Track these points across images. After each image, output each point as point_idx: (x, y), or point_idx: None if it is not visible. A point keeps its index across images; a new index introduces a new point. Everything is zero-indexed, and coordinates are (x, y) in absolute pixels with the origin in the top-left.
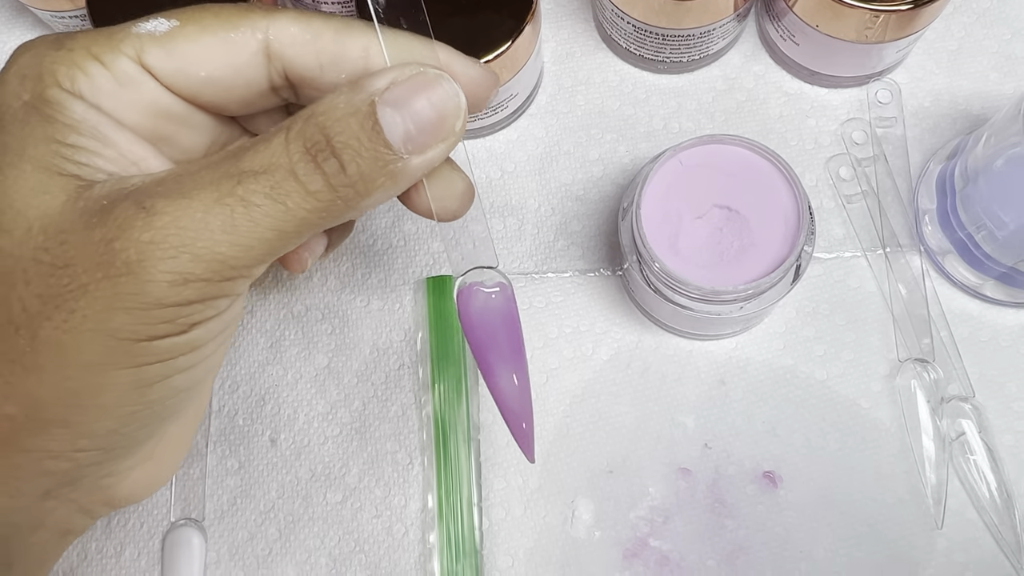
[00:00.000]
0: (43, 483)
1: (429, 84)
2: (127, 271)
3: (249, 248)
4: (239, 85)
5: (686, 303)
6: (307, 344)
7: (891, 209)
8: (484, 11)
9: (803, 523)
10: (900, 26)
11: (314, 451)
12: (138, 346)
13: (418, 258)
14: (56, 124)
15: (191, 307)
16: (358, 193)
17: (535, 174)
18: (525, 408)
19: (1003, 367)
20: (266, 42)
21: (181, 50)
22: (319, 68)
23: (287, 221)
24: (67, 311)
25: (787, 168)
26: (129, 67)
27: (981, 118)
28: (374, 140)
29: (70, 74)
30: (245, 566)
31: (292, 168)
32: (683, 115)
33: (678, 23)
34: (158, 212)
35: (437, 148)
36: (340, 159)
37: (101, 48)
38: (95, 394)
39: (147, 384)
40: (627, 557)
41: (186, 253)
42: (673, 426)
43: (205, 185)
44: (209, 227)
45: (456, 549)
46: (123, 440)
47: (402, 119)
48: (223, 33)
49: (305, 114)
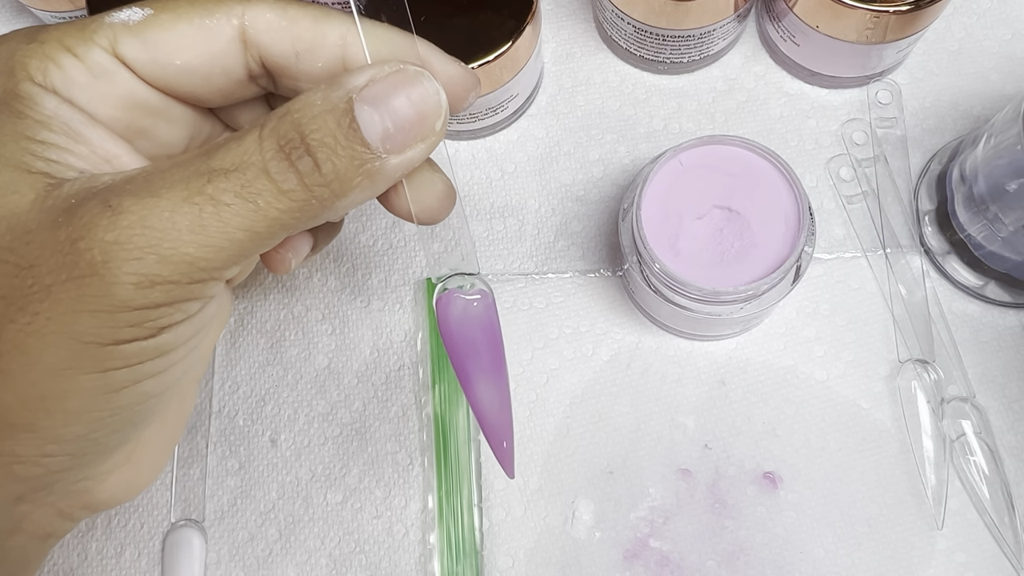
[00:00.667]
0: (14, 488)
1: (409, 81)
2: (91, 272)
3: (219, 249)
4: (216, 74)
5: (686, 304)
6: (307, 345)
7: (891, 210)
8: (484, 11)
9: (803, 524)
10: (900, 27)
11: (314, 452)
12: (104, 350)
13: (418, 259)
14: (27, 120)
15: (159, 310)
16: (334, 193)
17: (535, 175)
18: (505, 422)
19: (1003, 368)
20: (242, 28)
21: (156, 39)
22: (295, 56)
23: (258, 221)
24: (31, 313)
25: (787, 169)
26: (103, 58)
27: (981, 119)
28: (351, 138)
29: (42, 67)
30: (245, 567)
31: (264, 166)
32: (683, 116)
33: (678, 24)
34: (124, 211)
35: (416, 148)
36: (315, 157)
37: (74, 40)
38: (61, 399)
39: (114, 389)
40: (627, 558)
41: (152, 254)
42: (673, 427)
43: (174, 183)
44: (176, 227)
45: (456, 550)
46: (93, 446)
47: (380, 117)
48: (198, 20)
49: (280, 111)
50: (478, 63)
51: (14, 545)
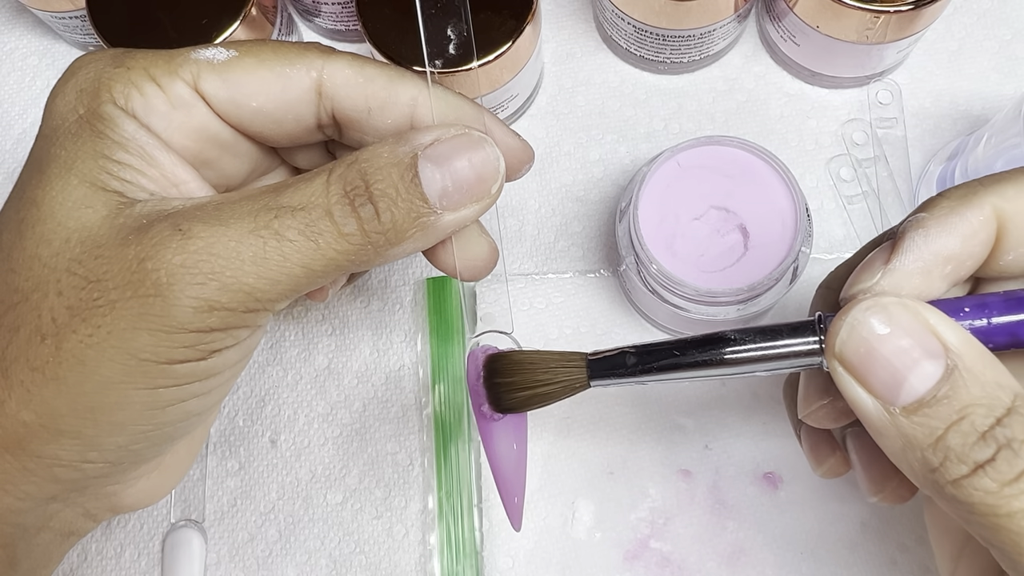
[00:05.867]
0: (51, 489)
1: (472, 145)
2: (156, 292)
3: (276, 282)
4: (288, 119)
5: (683, 304)
6: (307, 345)
7: (892, 210)
8: (484, 11)
9: (804, 524)
10: (900, 27)
11: (314, 452)
12: (157, 368)
13: (418, 259)
14: (106, 140)
15: (212, 335)
16: (388, 241)
17: (535, 175)
18: (519, 478)
19: None
20: (319, 81)
21: (236, 80)
22: (367, 111)
23: (316, 259)
24: (93, 326)
25: (784, 170)
26: (184, 91)
27: (981, 119)
28: (411, 192)
29: (125, 92)
30: (245, 567)
31: (329, 208)
32: (683, 116)
33: (678, 24)
34: (194, 236)
35: (471, 208)
36: (376, 205)
37: (159, 70)
38: (110, 411)
39: (161, 406)
40: (628, 559)
41: (215, 281)
42: (673, 427)
43: (243, 215)
44: (240, 257)
45: (456, 550)
46: (131, 456)
47: (441, 175)
48: (279, 68)
49: (349, 159)
50: (478, 63)
51: (40, 542)
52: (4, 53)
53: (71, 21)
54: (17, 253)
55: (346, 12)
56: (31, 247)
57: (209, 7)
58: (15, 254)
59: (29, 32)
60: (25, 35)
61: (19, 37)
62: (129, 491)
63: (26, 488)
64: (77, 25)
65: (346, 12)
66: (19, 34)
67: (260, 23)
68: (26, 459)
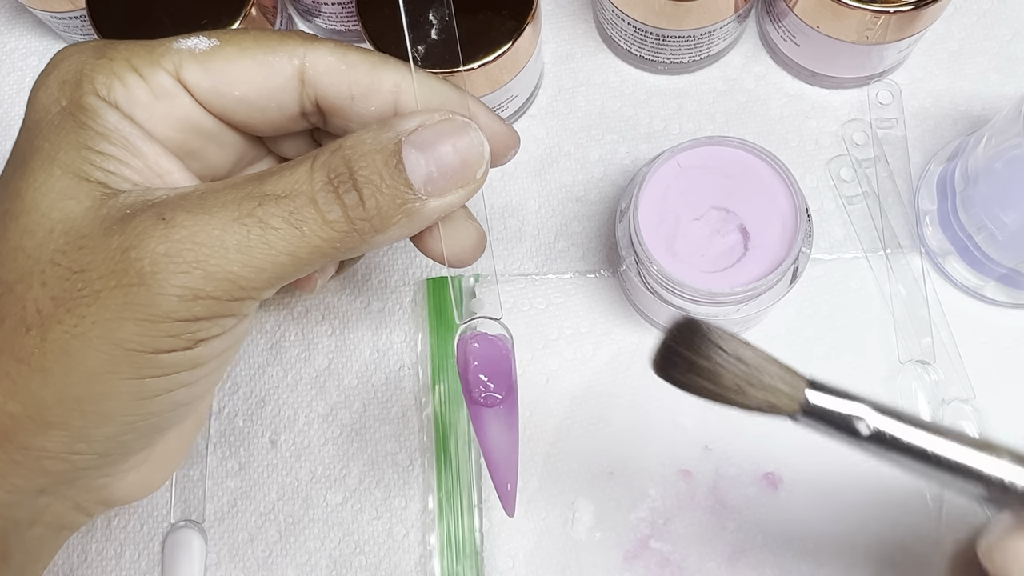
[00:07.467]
0: (40, 481)
1: (456, 130)
2: (140, 281)
3: (261, 270)
4: (271, 108)
5: (683, 305)
6: (307, 345)
7: (892, 210)
8: (484, 11)
9: (804, 525)
10: (901, 27)
11: (314, 452)
12: (143, 358)
13: (418, 259)
14: (88, 131)
15: (198, 323)
16: (373, 227)
17: (535, 175)
18: (511, 465)
19: (1004, 369)
20: (302, 69)
21: (219, 69)
22: (350, 98)
23: (301, 247)
24: (78, 316)
25: (784, 170)
26: (166, 81)
27: (982, 119)
28: (395, 178)
29: (108, 83)
30: (245, 568)
31: (313, 196)
32: (684, 116)
33: (678, 24)
34: (177, 225)
35: (456, 193)
36: (360, 192)
37: (141, 60)
38: (97, 401)
39: (148, 396)
40: (628, 559)
41: (199, 269)
42: (673, 428)
43: (227, 204)
44: (224, 245)
45: (456, 550)
46: (120, 447)
47: (426, 161)
48: (261, 56)
49: (332, 146)
50: (478, 63)
51: (32, 536)
52: (4, 53)
53: (71, 21)
54: (1, 245)
55: (346, 12)
56: (14, 238)
57: (209, 7)
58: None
59: (29, 32)
60: (25, 35)
61: (19, 37)
62: (120, 484)
63: (15, 481)
64: (77, 25)
65: (346, 12)
66: (19, 34)
67: (260, 23)
68: (14, 451)
